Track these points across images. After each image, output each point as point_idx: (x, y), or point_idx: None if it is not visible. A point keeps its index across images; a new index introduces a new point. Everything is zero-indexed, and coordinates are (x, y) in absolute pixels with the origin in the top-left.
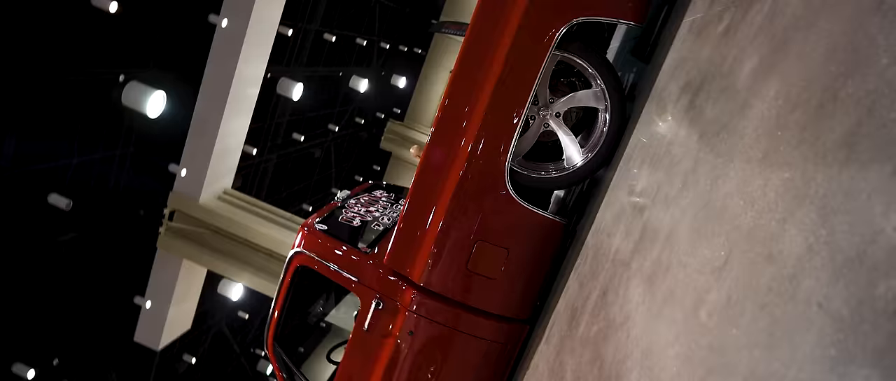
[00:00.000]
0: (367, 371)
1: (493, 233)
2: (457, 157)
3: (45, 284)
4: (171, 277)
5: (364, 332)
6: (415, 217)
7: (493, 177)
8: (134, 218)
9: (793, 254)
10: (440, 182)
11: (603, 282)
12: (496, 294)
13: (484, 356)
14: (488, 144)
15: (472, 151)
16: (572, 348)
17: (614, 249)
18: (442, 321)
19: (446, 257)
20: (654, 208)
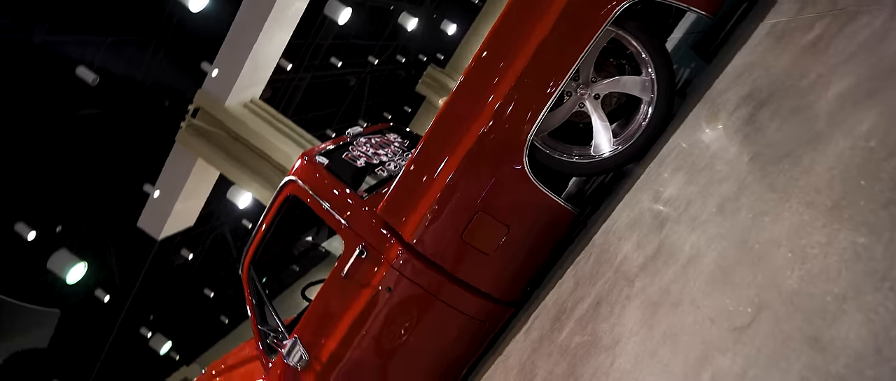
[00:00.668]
0: (337, 318)
1: (497, 206)
2: (480, 114)
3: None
4: (183, 172)
5: (342, 277)
6: (420, 169)
7: (512, 147)
8: (158, 107)
9: (850, 348)
10: (456, 137)
11: (600, 290)
12: (486, 271)
13: (459, 330)
14: (516, 109)
15: (497, 113)
16: (549, 352)
17: (622, 256)
18: (424, 284)
19: (443, 220)
20: (678, 226)
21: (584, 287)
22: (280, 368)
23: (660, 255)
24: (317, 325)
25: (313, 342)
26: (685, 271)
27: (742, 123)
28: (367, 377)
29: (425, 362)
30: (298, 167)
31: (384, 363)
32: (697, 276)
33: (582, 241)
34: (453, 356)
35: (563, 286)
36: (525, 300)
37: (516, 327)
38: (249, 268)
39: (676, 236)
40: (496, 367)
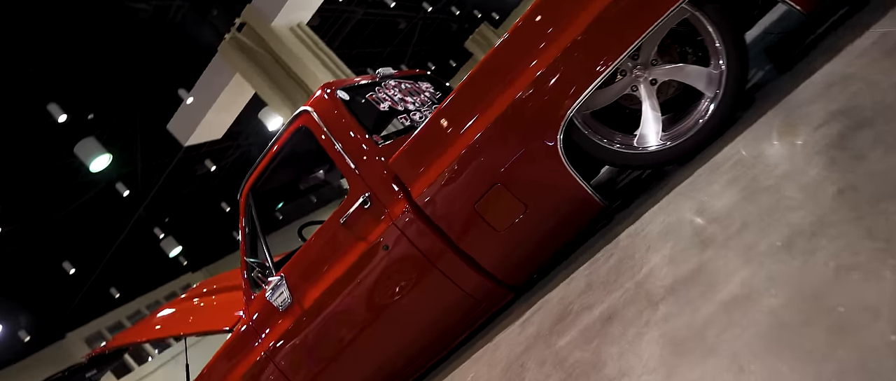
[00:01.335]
0: (328, 266)
1: (518, 181)
2: (519, 78)
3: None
4: (219, 84)
5: (339, 224)
6: (444, 123)
7: (548, 120)
8: (205, 13)
9: None
10: (489, 97)
11: (615, 302)
12: (493, 248)
13: (452, 305)
14: (561, 80)
15: (539, 80)
16: (543, 358)
17: (648, 269)
18: (424, 248)
19: (457, 185)
20: (725, 251)
21: (596, 292)
22: (260, 304)
23: (696, 281)
24: (306, 269)
25: (299, 285)
26: (729, 312)
27: (829, 143)
28: (346, 333)
29: (410, 330)
30: (316, 98)
31: (367, 323)
32: (746, 324)
33: (604, 237)
34: (440, 330)
35: (573, 285)
36: (528, 288)
37: (513, 315)
38: (249, 194)
39: (722, 263)
40: (483, 354)
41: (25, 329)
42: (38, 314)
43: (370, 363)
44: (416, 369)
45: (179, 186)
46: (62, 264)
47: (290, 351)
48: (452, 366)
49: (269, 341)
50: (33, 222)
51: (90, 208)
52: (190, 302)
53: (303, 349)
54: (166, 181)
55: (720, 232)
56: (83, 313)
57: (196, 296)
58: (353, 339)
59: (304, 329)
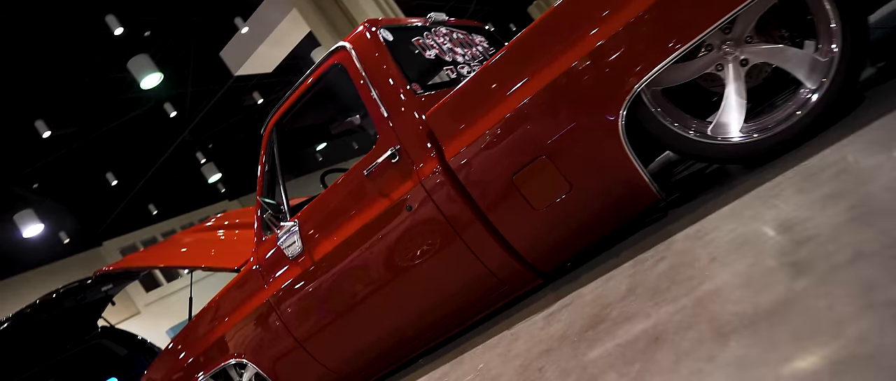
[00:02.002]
0: (344, 219)
1: (566, 157)
2: (582, 40)
3: None
4: (276, 17)
5: (363, 175)
6: (491, 82)
7: (613, 92)
8: None
9: None
10: (546, 59)
11: (664, 320)
12: (526, 226)
13: (473, 281)
14: (631, 49)
15: (605, 47)
16: (567, 367)
17: (711, 287)
18: (450, 216)
19: (497, 151)
20: (829, 288)
21: (641, 300)
22: (270, 249)
23: (787, 318)
24: (322, 218)
25: (312, 234)
26: (841, 376)
27: None
28: (355, 291)
29: (424, 299)
30: (357, 34)
31: (379, 284)
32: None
33: (654, 234)
34: (457, 305)
35: (612, 284)
36: (559, 276)
37: (538, 304)
38: (273, 129)
39: (827, 302)
40: (499, 341)
41: (66, 231)
42: (79, 219)
43: (377, 327)
44: (425, 341)
45: (226, 115)
46: (106, 175)
47: (294, 302)
48: (464, 347)
49: (274, 288)
50: (83, 129)
51: (137, 124)
52: (208, 233)
53: (308, 302)
54: (213, 108)
55: (821, 259)
56: (121, 224)
57: (217, 227)
58: (361, 299)
59: (311, 281)
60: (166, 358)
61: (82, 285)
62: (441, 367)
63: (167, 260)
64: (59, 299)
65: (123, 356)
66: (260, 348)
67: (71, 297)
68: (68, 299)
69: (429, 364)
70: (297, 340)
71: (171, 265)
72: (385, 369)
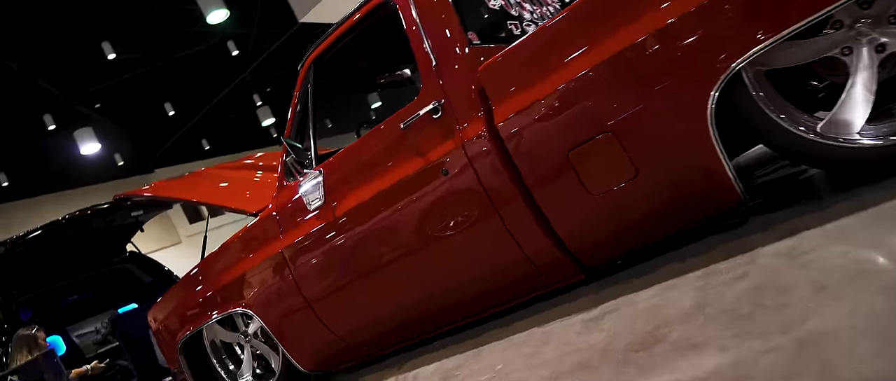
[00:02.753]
0: (375, 174)
1: (637, 137)
2: (673, 3)
3: None
4: None
5: (399, 129)
6: (557, 39)
7: (705, 67)
8: None
9: None
10: (626, 18)
11: (748, 360)
12: (577, 212)
13: (506, 265)
14: (736, 16)
15: (703, 9)
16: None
17: (820, 328)
18: (490, 187)
19: (555, 121)
20: None
21: (712, 324)
22: (290, 197)
23: None
24: (349, 171)
25: (336, 187)
26: None
27: None
28: (374, 256)
29: (446, 277)
30: None
31: (401, 252)
32: None
33: (731, 242)
34: (484, 288)
35: (674, 295)
36: (605, 274)
37: (578, 305)
38: (311, 66)
39: None
40: (526, 340)
41: (121, 154)
42: (135, 144)
43: (394, 298)
44: (443, 322)
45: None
46: (164, 105)
47: (308, 257)
48: (486, 337)
49: (289, 239)
50: (147, 56)
51: (200, 59)
52: (240, 172)
53: (323, 260)
54: (275, 52)
55: None
56: (173, 154)
57: (250, 167)
58: (380, 265)
59: (329, 237)
60: (172, 297)
61: (111, 208)
62: (455, 356)
63: (188, 193)
64: (88, 218)
65: (147, 284)
66: (267, 301)
67: (100, 218)
68: (98, 219)
69: (443, 349)
70: (307, 299)
71: (190, 199)
72: (395, 345)
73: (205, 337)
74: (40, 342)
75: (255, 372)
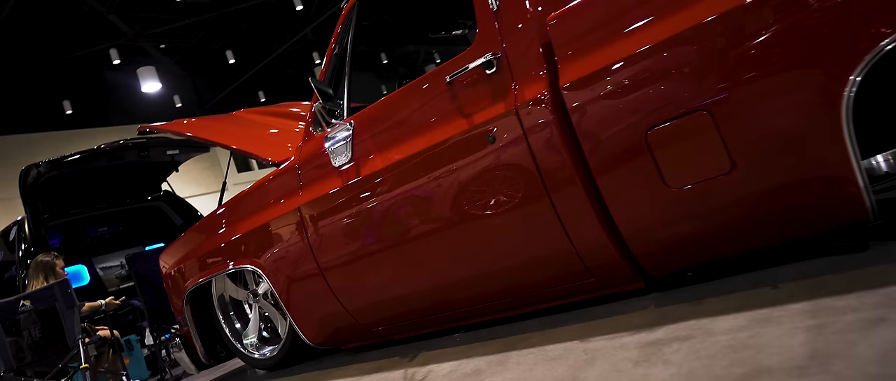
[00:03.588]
0: (410, 133)
1: (741, 122)
2: None
3: None
4: None
5: (444, 83)
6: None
7: (843, 48)
8: None
9: None
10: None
11: None
12: (647, 206)
13: (549, 258)
14: None
15: None
16: None
17: None
18: (542, 165)
19: (637, 89)
20: None
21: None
22: (315, 148)
23: None
24: (382, 128)
25: (365, 144)
26: None
27: None
28: (400, 226)
29: (479, 262)
30: None
31: (430, 227)
32: None
33: (850, 271)
34: (518, 282)
35: (771, 333)
36: (670, 287)
37: (634, 320)
38: (355, 5)
39: None
40: (563, 353)
41: (180, 96)
42: (194, 88)
43: (416, 277)
44: (469, 313)
45: None
46: (226, 52)
47: (326, 219)
48: (515, 340)
49: (308, 196)
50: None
51: (265, 10)
52: (273, 118)
53: (342, 224)
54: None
55: None
56: (230, 102)
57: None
58: (405, 238)
59: (351, 199)
60: (185, 243)
61: (147, 143)
62: (476, 358)
63: (213, 134)
64: (123, 149)
65: (178, 226)
66: (277, 262)
67: (134, 151)
68: (132, 152)
69: (464, 346)
70: (320, 266)
71: (213, 140)
72: (411, 331)
73: (213, 290)
74: (58, 270)
75: (260, 334)
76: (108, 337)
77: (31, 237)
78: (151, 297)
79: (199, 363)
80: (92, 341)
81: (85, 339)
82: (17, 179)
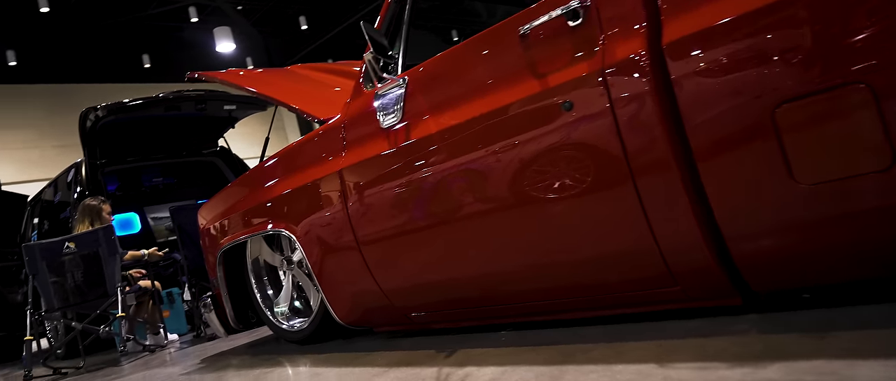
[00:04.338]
0: (471, 93)
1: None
2: None
3: None
4: None
5: (517, 35)
6: None
7: None
8: None
9: None
10: None
11: None
12: (763, 204)
13: (626, 256)
14: None
15: None
16: None
17: None
18: (630, 142)
19: (766, 53)
20: None
21: None
22: (364, 106)
23: None
24: (439, 85)
25: (419, 103)
26: None
27: None
28: (452, 202)
29: (541, 252)
30: None
31: (486, 206)
32: None
33: None
34: (586, 280)
35: None
36: (777, 308)
37: (728, 347)
38: None
39: None
40: (636, 377)
41: (252, 58)
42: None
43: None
44: (522, 310)
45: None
46: (299, 17)
47: (368, 187)
48: (573, 351)
49: (351, 159)
50: None
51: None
52: (328, 75)
53: (385, 193)
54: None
55: None
56: None
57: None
58: (457, 216)
59: (398, 167)
60: (224, 198)
61: (204, 96)
62: (524, 367)
63: (263, 86)
64: (179, 100)
65: None
66: (311, 230)
67: (192, 102)
68: (188, 103)
69: (511, 348)
70: (357, 238)
71: (261, 92)
72: (449, 321)
73: (248, 251)
74: (104, 215)
75: (292, 304)
76: (148, 288)
77: (86, 181)
78: (192, 252)
79: (227, 327)
80: (132, 290)
81: (125, 287)
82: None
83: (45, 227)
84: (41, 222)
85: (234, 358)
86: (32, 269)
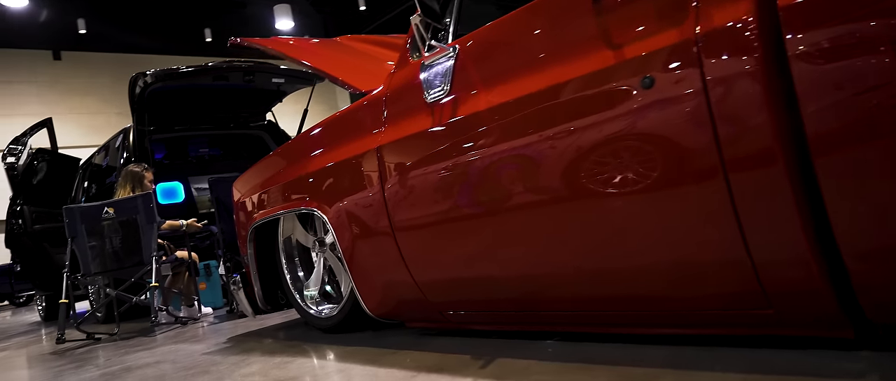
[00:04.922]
0: (530, 66)
1: None
2: None
3: None
4: None
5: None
6: None
7: None
8: None
9: None
10: None
11: None
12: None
13: (709, 270)
14: None
15: None
16: None
17: None
18: (725, 130)
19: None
20: None
21: None
22: (409, 78)
23: None
24: (492, 54)
25: (469, 76)
26: None
27: None
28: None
29: (596, 254)
30: None
31: (540, 198)
32: None
33: None
34: (649, 292)
35: None
36: (892, 346)
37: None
38: None
39: None
40: None
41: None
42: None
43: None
44: (575, 318)
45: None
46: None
47: (406, 169)
48: (638, 378)
49: (390, 135)
50: None
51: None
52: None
53: (424, 177)
54: None
55: None
56: None
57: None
58: (502, 206)
59: (442, 147)
60: (260, 171)
61: (253, 67)
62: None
63: (306, 56)
64: (227, 70)
65: None
66: (343, 212)
67: (239, 73)
68: (236, 74)
69: (556, 362)
70: (392, 223)
71: (305, 61)
72: (489, 324)
73: (280, 229)
74: (145, 182)
75: (323, 289)
76: (185, 259)
77: (133, 147)
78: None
79: (256, 307)
80: (168, 260)
81: (162, 257)
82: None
83: (93, 191)
84: (89, 185)
85: (259, 341)
86: (72, 231)
